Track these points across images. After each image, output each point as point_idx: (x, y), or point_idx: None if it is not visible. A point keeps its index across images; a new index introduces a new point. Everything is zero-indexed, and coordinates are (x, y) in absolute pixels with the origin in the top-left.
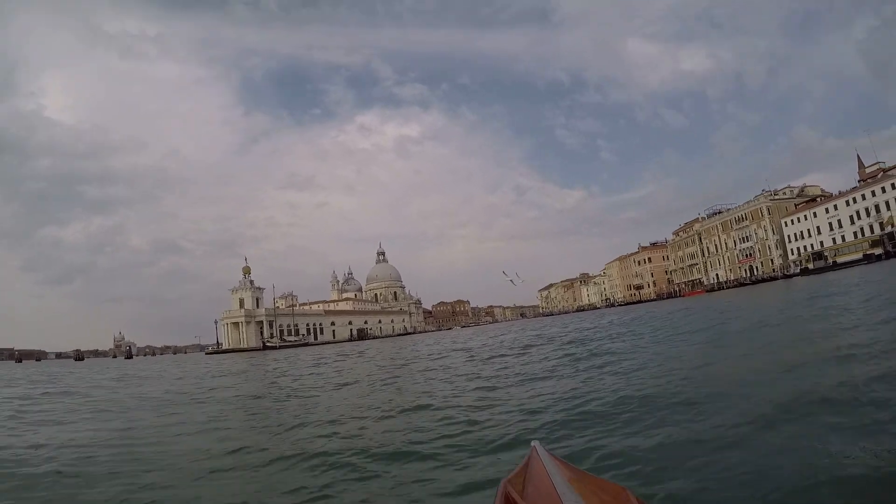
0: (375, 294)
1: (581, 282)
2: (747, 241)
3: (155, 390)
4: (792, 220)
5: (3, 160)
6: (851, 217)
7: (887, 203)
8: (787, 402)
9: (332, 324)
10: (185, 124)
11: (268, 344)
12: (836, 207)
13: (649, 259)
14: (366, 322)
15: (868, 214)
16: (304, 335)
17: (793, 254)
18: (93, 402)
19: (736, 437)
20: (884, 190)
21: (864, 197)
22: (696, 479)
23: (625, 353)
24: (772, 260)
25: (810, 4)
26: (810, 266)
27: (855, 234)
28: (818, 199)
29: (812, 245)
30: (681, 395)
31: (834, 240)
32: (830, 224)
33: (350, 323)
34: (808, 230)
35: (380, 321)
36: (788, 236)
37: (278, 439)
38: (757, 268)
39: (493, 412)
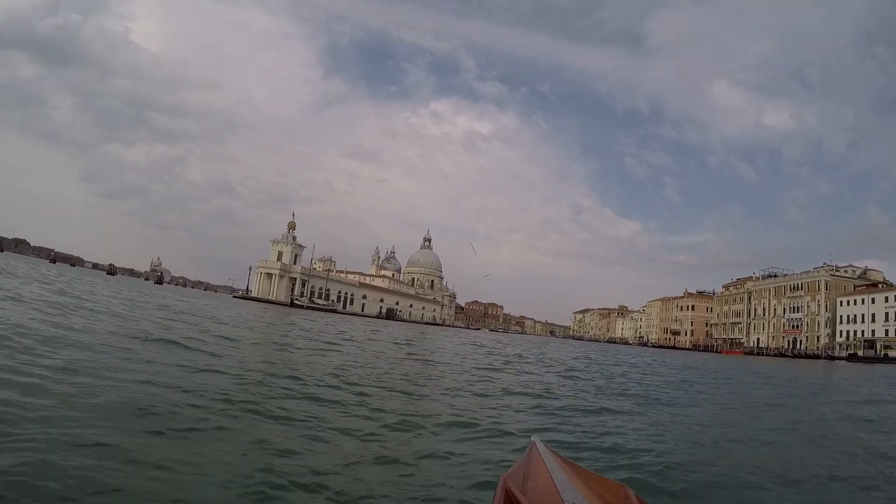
0: (413, 278)
1: (619, 314)
2: (797, 311)
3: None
4: (848, 301)
5: (85, 73)
6: None
7: None
8: None
9: (364, 297)
10: (263, 75)
11: (296, 302)
12: None
13: (693, 307)
14: (397, 303)
15: None
16: (333, 301)
17: (841, 335)
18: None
19: None
20: None
21: None
22: None
23: None
24: (818, 337)
25: None
26: (859, 353)
27: None
28: (879, 286)
29: (863, 331)
30: None
31: (887, 331)
32: (887, 314)
33: (382, 300)
34: (863, 315)
35: (411, 305)
36: (841, 317)
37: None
38: (801, 341)
39: None
